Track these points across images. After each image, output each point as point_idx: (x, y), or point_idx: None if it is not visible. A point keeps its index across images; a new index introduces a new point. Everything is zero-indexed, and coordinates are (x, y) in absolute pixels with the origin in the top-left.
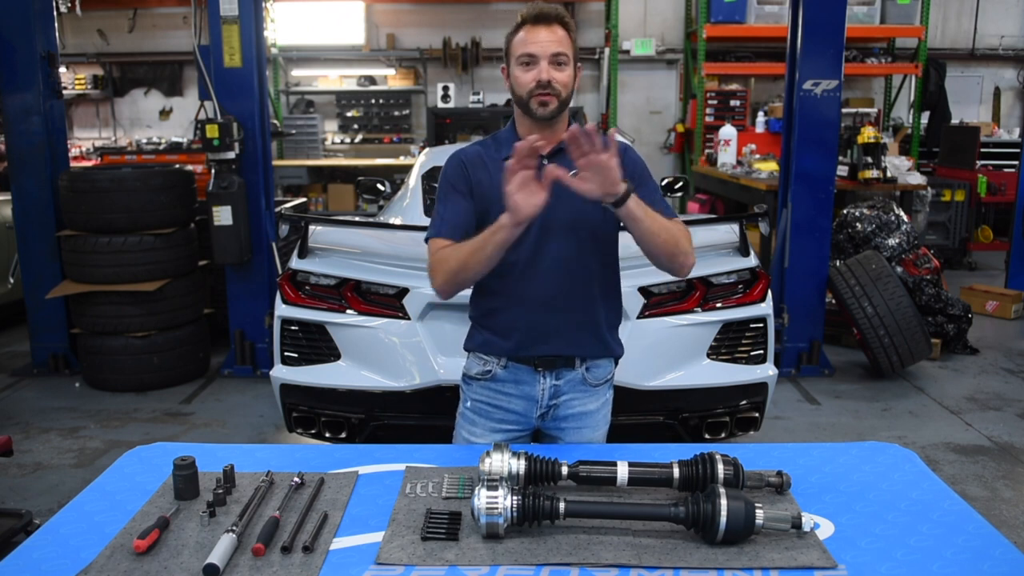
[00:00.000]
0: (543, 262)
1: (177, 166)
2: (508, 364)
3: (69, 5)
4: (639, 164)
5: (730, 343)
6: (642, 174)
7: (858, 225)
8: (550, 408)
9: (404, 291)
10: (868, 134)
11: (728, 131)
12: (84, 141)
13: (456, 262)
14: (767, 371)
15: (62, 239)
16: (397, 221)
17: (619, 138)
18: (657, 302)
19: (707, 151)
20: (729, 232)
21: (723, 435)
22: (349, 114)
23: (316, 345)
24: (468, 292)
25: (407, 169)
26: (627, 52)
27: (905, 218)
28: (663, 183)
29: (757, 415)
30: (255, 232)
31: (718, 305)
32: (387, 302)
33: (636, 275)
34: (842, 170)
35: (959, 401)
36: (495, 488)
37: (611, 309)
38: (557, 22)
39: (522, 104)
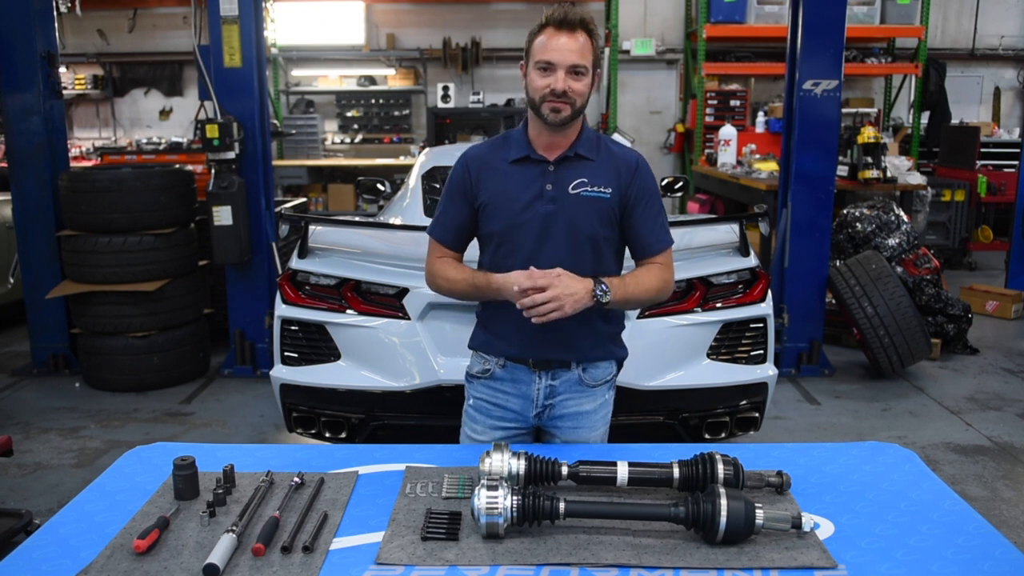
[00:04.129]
0: (540, 268)
1: (177, 166)
2: (506, 364)
3: (69, 5)
4: (648, 187)
5: (730, 343)
6: (649, 196)
7: (858, 225)
8: (546, 407)
9: (404, 291)
10: (868, 134)
11: (728, 131)
12: (84, 141)
13: (445, 282)
14: (767, 371)
15: (62, 239)
16: (397, 221)
17: (619, 138)
18: None
19: (707, 151)
20: (729, 232)
21: (723, 435)
22: (349, 114)
23: (316, 345)
24: None
25: (407, 169)
26: (627, 52)
27: (905, 218)
28: (663, 183)
29: (757, 415)
30: (255, 232)
31: (718, 305)
32: (387, 302)
33: None
34: (842, 170)
35: (959, 401)
36: (495, 488)
37: (610, 315)
38: (581, 28)
39: (534, 107)
